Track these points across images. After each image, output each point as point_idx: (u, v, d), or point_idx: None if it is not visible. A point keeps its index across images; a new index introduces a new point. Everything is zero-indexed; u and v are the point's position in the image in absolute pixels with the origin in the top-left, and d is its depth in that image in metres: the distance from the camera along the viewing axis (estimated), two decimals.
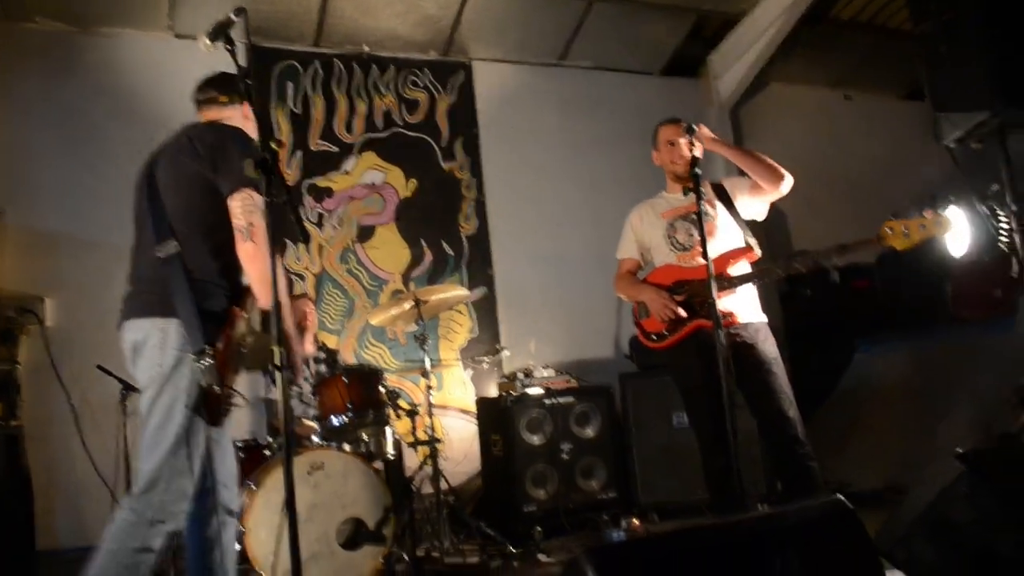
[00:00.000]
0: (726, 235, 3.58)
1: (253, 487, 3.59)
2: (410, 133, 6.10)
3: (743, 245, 3.56)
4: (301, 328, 2.97)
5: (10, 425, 4.02)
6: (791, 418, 3.39)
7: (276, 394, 2.94)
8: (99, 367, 4.25)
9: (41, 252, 5.01)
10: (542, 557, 4.22)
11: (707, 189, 3.65)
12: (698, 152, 3.38)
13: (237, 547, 3.49)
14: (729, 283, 3.42)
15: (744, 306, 3.49)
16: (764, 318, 3.56)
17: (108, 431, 4.34)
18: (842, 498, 2.05)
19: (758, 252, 3.55)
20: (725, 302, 3.36)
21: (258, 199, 2.51)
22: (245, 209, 2.57)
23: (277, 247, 2.29)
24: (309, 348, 3.05)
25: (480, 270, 6.07)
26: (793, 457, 3.39)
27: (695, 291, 3.44)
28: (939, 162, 7.66)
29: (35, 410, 4.55)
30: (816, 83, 7.73)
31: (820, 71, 7.63)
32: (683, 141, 3.56)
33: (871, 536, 2.08)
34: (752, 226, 3.64)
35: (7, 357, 4.63)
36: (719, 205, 3.63)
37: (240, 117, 2.87)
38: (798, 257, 3.46)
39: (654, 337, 3.63)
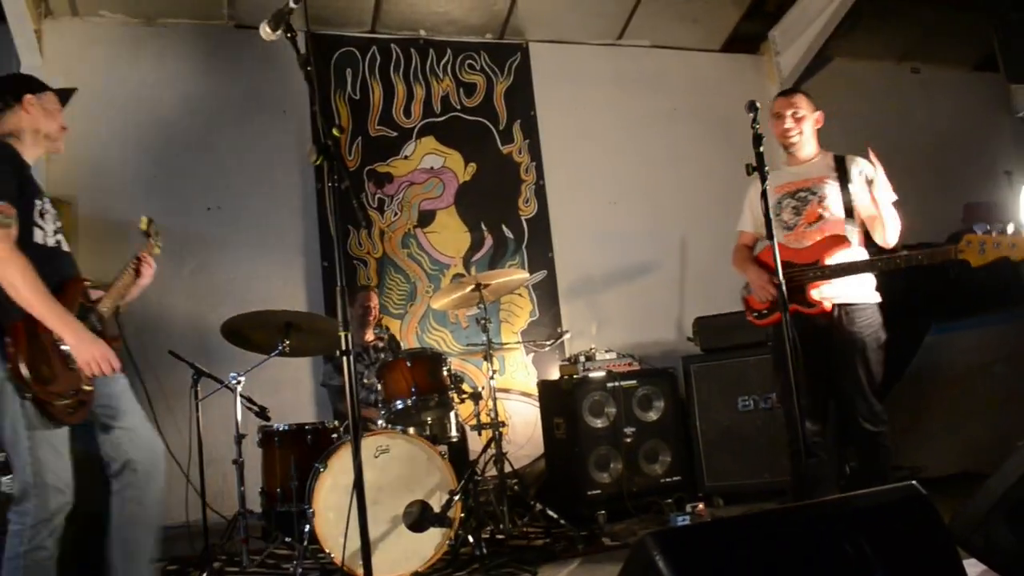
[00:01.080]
0: (830, 219, 3.52)
1: (321, 470, 3.64)
2: (468, 117, 6.10)
3: (843, 234, 3.49)
4: (364, 320, 3.00)
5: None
6: (862, 402, 3.38)
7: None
8: (171, 352, 4.35)
9: (114, 240, 5.12)
10: (606, 540, 4.21)
11: (822, 163, 3.63)
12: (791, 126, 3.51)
13: (306, 528, 3.59)
14: (822, 274, 3.43)
15: (845, 288, 3.47)
16: (866, 298, 3.51)
17: (181, 415, 4.43)
18: (916, 484, 1.99)
19: (853, 242, 3.50)
20: (825, 287, 3.42)
21: None
22: None
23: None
24: (369, 336, 3.07)
25: (540, 253, 6.06)
26: (861, 440, 3.41)
27: (794, 275, 3.40)
28: (1012, 135, 7.46)
29: None
30: (881, 57, 7.51)
31: (885, 44, 7.39)
32: (788, 114, 3.58)
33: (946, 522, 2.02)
34: None
35: None
36: (830, 185, 3.55)
37: (22, 118, 2.85)
38: (879, 260, 3.40)
39: (755, 314, 3.70)
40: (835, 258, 3.45)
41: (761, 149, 3.07)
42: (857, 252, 3.52)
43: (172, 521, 4.70)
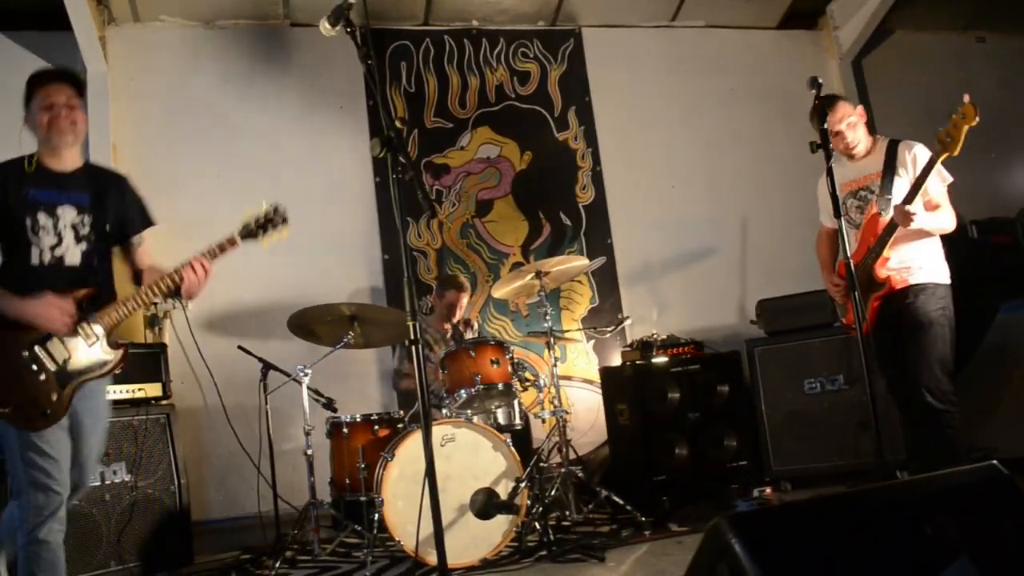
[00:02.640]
0: (879, 203, 3.56)
1: (388, 459, 3.69)
2: (523, 105, 6.10)
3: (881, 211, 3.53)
4: (447, 316, 3.01)
5: (163, 404, 4.25)
6: (928, 375, 3.39)
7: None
8: (240, 347, 4.45)
9: (181, 240, 5.22)
10: (673, 526, 4.19)
11: (877, 156, 3.65)
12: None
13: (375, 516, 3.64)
14: (877, 250, 3.48)
15: (912, 266, 3.51)
16: (935, 277, 3.53)
17: (251, 408, 4.54)
18: (997, 463, 1.94)
19: (884, 215, 3.51)
20: (889, 263, 3.48)
21: None
22: None
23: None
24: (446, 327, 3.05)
25: (599, 239, 6.04)
26: (925, 417, 3.40)
27: (862, 270, 3.45)
28: None
29: (183, 389, 4.81)
30: (944, 28, 7.27)
31: (948, 14, 7.15)
32: (843, 127, 3.60)
33: None
34: None
35: (156, 341, 4.92)
36: (884, 177, 3.58)
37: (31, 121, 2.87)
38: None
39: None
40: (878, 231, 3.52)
41: (825, 126, 3.02)
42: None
43: (245, 512, 4.86)
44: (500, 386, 4.12)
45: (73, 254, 2.83)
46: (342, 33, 2.54)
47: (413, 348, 2.31)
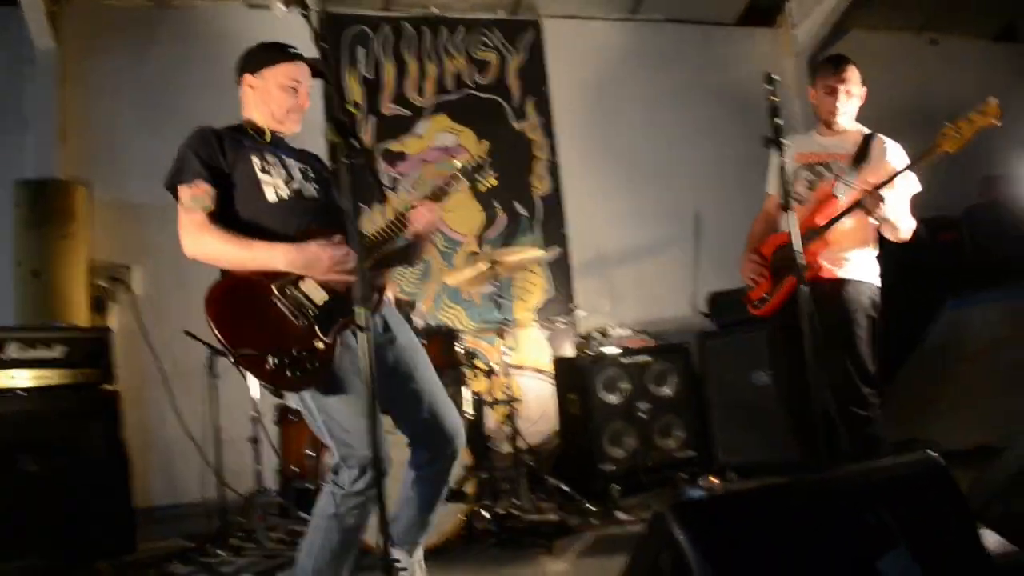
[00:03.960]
0: (838, 186, 3.37)
1: None
2: (481, 94, 6.06)
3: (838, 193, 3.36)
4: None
5: (106, 389, 4.15)
6: (845, 385, 3.26)
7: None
8: (187, 332, 4.36)
9: (128, 222, 5.15)
10: (621, 515, 4.21)
11: (851, 140, 3.50)
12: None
13: None
14: (815, 233, 3.28)
15: (838, 260, 3.36)
16: (865, 277, 3.38)
17: (197, 394, 4.46)
18: (934, 454, 1.97)
19: (841, 197, 3.33)
20: (818, 257, 3.31)
21: (183, 198, 2.56)
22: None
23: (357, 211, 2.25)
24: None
25: (554, 230, 6.04)
26: (846, 424, 3.29)
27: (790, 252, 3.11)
28: None
29: (128, 375, 4.71)
30: (899, 28, 7.39)
31: (903, 15, 7.28)
32: (843, 89, 3.47)
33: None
34: None
35: (101, 324, 4.81)
36: (854, 163, 3.40)
37: (248, 95, 2.79)
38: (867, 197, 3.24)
39: (753, 304, 3.60)
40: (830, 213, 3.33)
41: (779, 121, 2.97)
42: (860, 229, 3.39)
43: (189, 499, 4.79)
44: (450, 374, 4.11)
45: (308, 189, 2.66)
46: (295, 16, 2.47)
47: (360, 334, 2.24)
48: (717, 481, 4.51)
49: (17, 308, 4.66)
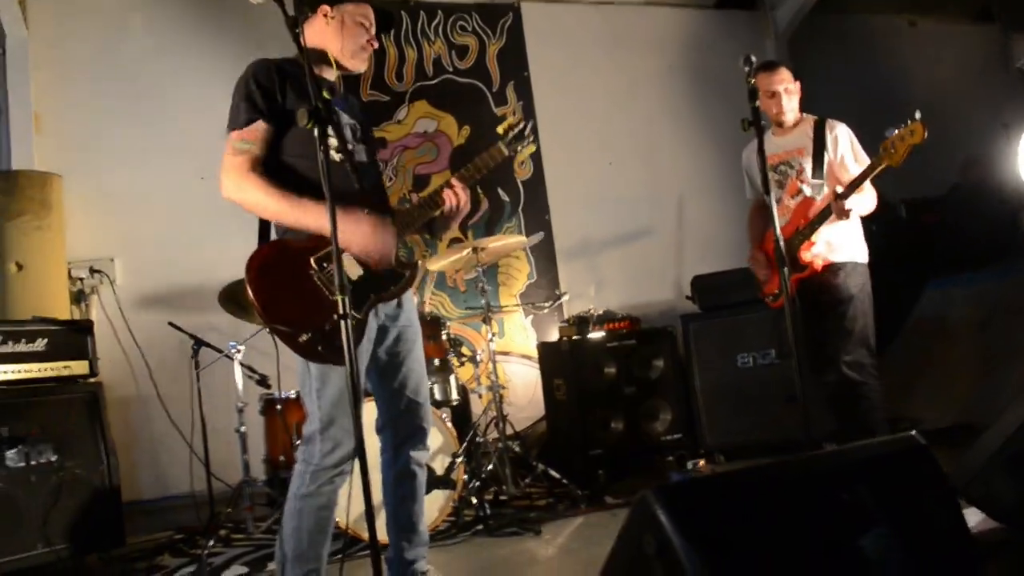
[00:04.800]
0: (811, 187, 3.63)
1: None
2: (461, 79, 6.05)
3: (810, 195, 3.62)
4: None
5: (91, 383, 4.14)
6: (846, 348, 3.49)
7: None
8: (170, 324, 4.36)
9: (107, 213, 5.11)
10: (608, 499, 4.25)
11: (802, 132, 3.73)
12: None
13: None
14: (804, 233, 3.54)
15: (833, 247, 3.59)
16: (854, 257, 3.62)
17: (182, 385, 4.46)
18: (915, 434, 2.01)
19: (818, 198, 3.58)
20: (813, 247, 3.54)
21: (232, 139, 2.52)
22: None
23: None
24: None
25: (537, 215, 6.04)
26: (843, 389, 3.52)
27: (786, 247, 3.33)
28: (1010, 87, 7.40)
29: (112, 367, 4.71)
30: (878, 10, 7.42)
31: None
32: (781, 89, 3.68)
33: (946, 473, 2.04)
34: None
35: (83, 317, 4.79)
36: (807, 158, 3.67)
37: (318, 31, 2.67)
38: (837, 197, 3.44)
39: (769, 297, 3.83)
40: (810, 215, 3.57)
41: (757, 103, 3.03)
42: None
43: (177, 491, 4.79)
44: (436, 362, 4.15)
45: (359, 152, 2.69)
46: (270, 1, 2.45)
47: (342, 323, 2.25)
48: (704, 464, 4.55)
49: None
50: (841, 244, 3.60)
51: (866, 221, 3.71)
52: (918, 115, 3.22)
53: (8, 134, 5.00)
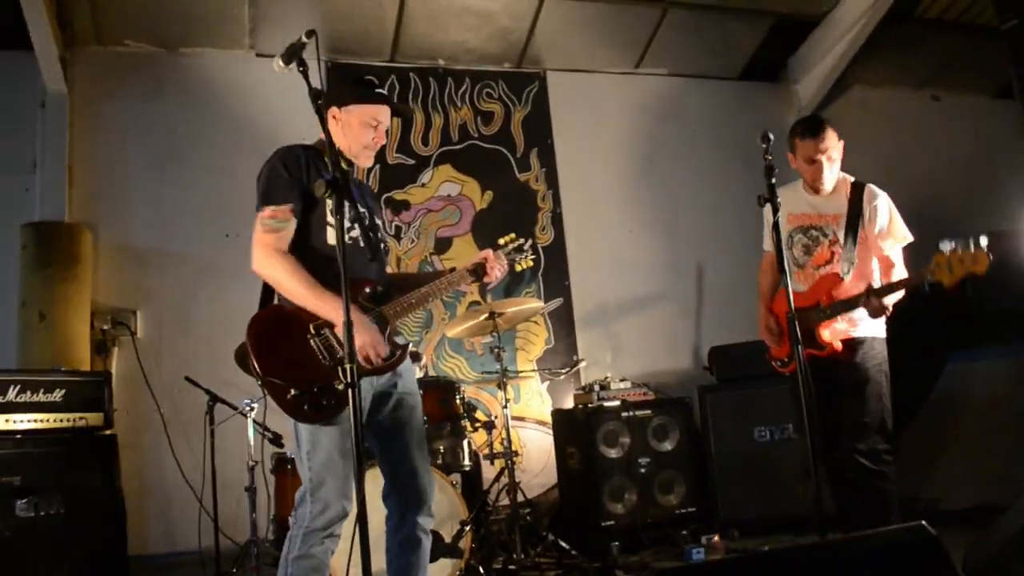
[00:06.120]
0: (841, 261, 3.44)
1: None
2: (485, 145, 6.13)
3: (837, 272, 3.43)
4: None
5: (105, 434, 4.16)
6: (856, 446, 3.32)
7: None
8: (187, 378, 4.38)
9: (132, 266, 5.19)
10: (620, 573, 4.16)
11: (840, 196, 3.51)
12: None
13: None
14: (826, 313, 3.37)
15: (849, 324, 3.42)
16: (871, 332, 3.44)
17: (196, 440, 4.46)
18: (926, 524, 1.96)
19: (847, 277, 3.41)
20: (834, 325, 3.38)
21: (264, 216, 2.65)
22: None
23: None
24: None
25: (556, 281, 6.06)
26: (858, 477, 3.33)
27: (800, 319, 3.07)
28: None
29: (127, 419, 4.74)
30: (901, 84, 7.49)
31: (905, 72, 7.38)
32: (823, 158, 3.43)
33: (958, 560, 1.99)
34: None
35: (102, 368, 4.83)
36: (844, 222, 3.45)
37: (331, 128, 2.79)
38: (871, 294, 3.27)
39: (778, 362, 3.67)
40: (840, 294, 3.39)
41: (773, 181, 3.02)
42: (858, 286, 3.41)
43: (185, 547, 4.75)
44: (449, 426, 4.11)
45: (362, 238, 2.72)
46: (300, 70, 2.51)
47: (349, 392, 2.24)
48: (719, 539, 4.46)
49: (20, 349, 4.70)
50: (859, 318, 3.41)
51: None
52: (984, 242, 2.96)
53: (41, 186, 5.11)
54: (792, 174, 3.62)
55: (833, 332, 3.40)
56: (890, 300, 3.25)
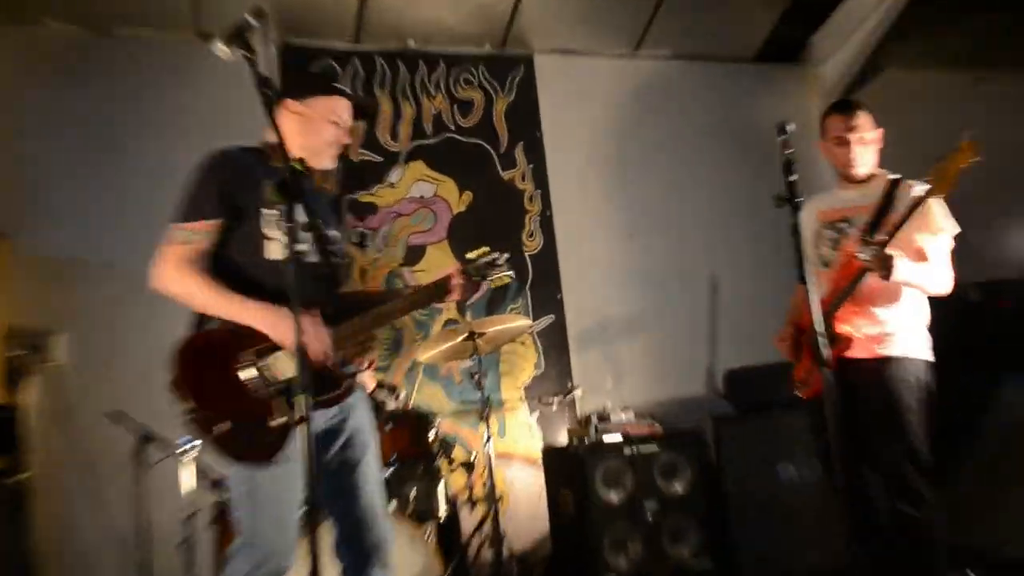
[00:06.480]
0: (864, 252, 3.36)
1: None
2: (464, 138, 6.07)
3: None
4: None
5: (15, 480, 4.03)
6: (893, 491, 3.28)
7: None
8: (108, 415, 4.28)
9: (53, 281, 5.07)
10: None
11: (875, 188, 3.50)
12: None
13: None
14: (840, 298, 3.33)
15: (878, 336, 3.37)
16: (915, 352, 3.39)
17: (124, 485, 4.34)
18: (970, 573, 1.89)
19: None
20: (856, 325, 3.34)
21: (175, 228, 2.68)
22: None
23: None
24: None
25: (547, 295, 5.99)
26: (894, 524, 3.28)
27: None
28: None
29: (43, 461, 4.60)
30: (939, 66, 7.46)
31: (944, 52, 7.36)
32: (855, 139, 3.48)
33: None
34: None
35: (12, 401, 4.69)
36: (876, 215, 3.41)
37: (286, 122, 2.81)
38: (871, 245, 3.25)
39: (797, 384, 3.65)
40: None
41: (794, 178, 2.92)
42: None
43: None
44: (421, 466, 4.05)
45: (311, 252, 2.72)
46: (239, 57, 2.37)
47: (299, 428, 2.18)
48: None
49: None
50: (895, 331, 3.37)
51: (933, 308, 3.53)
52: (966, 134, 3.14)
53: None
54: (823, 174, 3.60)
55: (853, 329, 3.34)
56: (903, 265, 3.18)
